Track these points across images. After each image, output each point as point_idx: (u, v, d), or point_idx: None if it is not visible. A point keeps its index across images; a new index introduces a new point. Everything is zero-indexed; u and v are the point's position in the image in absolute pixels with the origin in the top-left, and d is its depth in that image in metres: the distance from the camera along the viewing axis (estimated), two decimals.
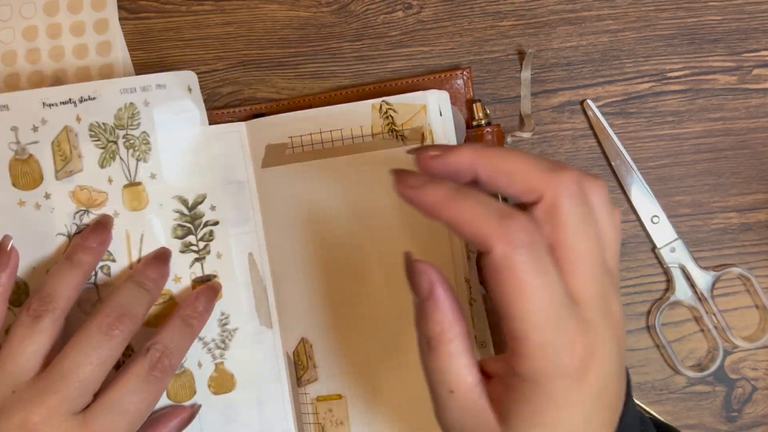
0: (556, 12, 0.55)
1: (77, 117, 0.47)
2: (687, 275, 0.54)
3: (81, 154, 0.47)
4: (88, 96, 0.47)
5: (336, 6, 0.56)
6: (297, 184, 0.50)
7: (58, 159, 0.47)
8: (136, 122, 0.48)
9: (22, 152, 0.47)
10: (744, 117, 0.55)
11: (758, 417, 0.53)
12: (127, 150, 0.48)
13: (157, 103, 0.48)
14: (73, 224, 0.48)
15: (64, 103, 0.47)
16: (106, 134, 0.48)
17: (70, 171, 0.48)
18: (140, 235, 0.48)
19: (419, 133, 0.48)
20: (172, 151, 0.49)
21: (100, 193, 0.48)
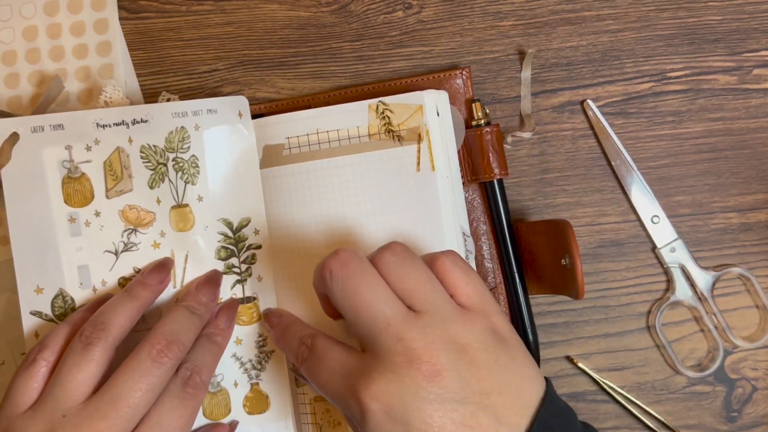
0: (556, 12, 0.55)
1: (129, 138, 0.49)
2: (687, 275, 0.54)
3: (132, 174, 0.49)
4: (140, 119, 0.49)
5: (336, 6, 0.56)
6: (294, 184, 0.49)
7: (110, 178, 0.49)
8: (186, 146, 0.49)
9: (75, 170, 0.48)
10: (744, 117, 0.55)
11: (758, 417, 0.53)
12: (176, 172, 0.49)
13: (208, 127, 0.49)
14: (120, 242, 0.49)
15: (117, 124, 0.48)
16: (157, 156, 0.49)
17: (120, 190, 0.49)
18: (185, 255, 0.49)
19: (416, 134, 0.48)
20: (220, 175, 0.50)
21: (148, 213, 0.49)
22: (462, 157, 0.52)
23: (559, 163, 0.55)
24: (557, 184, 0.55)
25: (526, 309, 0.52)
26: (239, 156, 0.50)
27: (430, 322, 0.38)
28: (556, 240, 0.49)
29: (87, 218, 0.48)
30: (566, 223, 0.48)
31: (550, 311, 0.54)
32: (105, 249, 0.49)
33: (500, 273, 0.52)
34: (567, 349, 0.54)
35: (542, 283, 0.52)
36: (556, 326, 0.54)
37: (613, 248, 0.54)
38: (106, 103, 0.51)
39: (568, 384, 0.54)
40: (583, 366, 0.54)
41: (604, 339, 0.54)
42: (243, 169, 0.50)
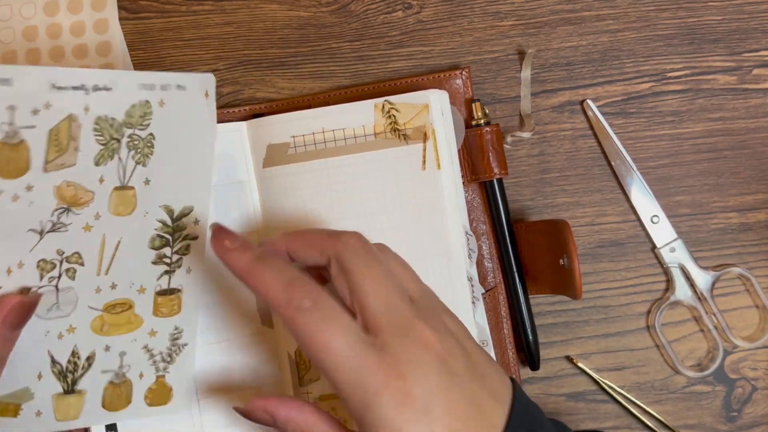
0: (556, 12, 0.55)
1: (85, 107, 0.43)
2: (687, 275, 0.54)
3: (78, 147, 0.43)
4: (103, 85, 0.43)
5: (336, 6, 0.56)
6: (299, 183, 0.50)
7: (52, 149, 0.42)
8: (147, 122, 0.45)
9: (14, 135, 0.41)
10: (744, 117, 0.55)
11: (758, 417, 0.53)
12: (129, 151, 0.45)
13: (173, 104, 0.45)
14: (49, 221, 0.43)
15: (75, 88, 0.42)
16: (112, 131, 0.44)
17: (61, 164, 0.43)
18: (117, 241, 0.45)
19: (422, 133, 0.48)
20: (173, 159, 0.46)
21: (86, 192, 0.44)
22: (462, 156, 0.52)
23: (559, 163, 0.55)
24: (557, 184, 0.55)
25: (526, 309, 0.52)
26: (197, 139, 0.47)
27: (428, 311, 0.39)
28: (555, 240, 0.49)
29: (16, 192, 0.42)
30: (564, 223, 0.48)
31: (550, 311, 0.54)
32: (29, 228, 0.43)
33: (500, 273, 0.53)
34: (567, 349, 0.54)
35: (541, 283, 0.52)
36: (556, 326, 0.54)
37: (613, 248, 0.54)
38: None
39: (568, 384, 0.54)
40: (583, 366, 0.54)
41: (604, 339, 0.54)
42: (197, 154, 0.47)
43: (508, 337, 0.52)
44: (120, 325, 0.46)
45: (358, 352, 0.36)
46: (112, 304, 0.46)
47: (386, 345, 0.36)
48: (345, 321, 0.37)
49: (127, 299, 0.46)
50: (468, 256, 0.49)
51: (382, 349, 0.36)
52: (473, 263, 0.50)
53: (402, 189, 0.49)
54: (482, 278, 0.52)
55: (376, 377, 0.36)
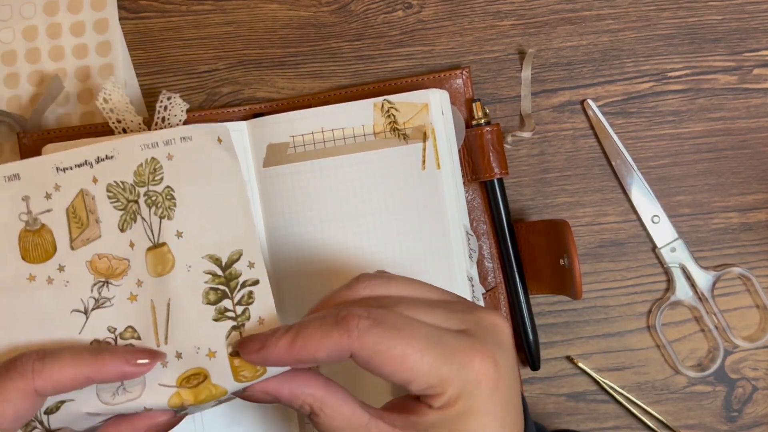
0: (557, 12, 0.55)
1: (93, 178, 0.42)
2: (687, 275, 0.54)
3: (99, 219, 0.42)
4: (105, 155, 0.43)
5: (336, 6, 0.56)
6: (299, 183, 0.49)
7: (74, 226, 0.42)
8: (159, 177, 0.43)
9: (34, 223, 0.42)
10: (744, 117, 0.55)
11: (758, 417, 0.53)
12: (149, 208, 0.42)
13: (183, 155, 0.43)
14: (90, 298, 0.42)
15: (79, 165, 0.43)
16: (126, 193, 0.43)
17: (87, 239, 0.42)
18: (166, 304, 0.42)
19: (421, 132, 0.48)
20: (200, 206, 0.43)
21: (121, 261, 0.42)
22: (462, 156, 0.52)
23: (559, 163, 0.55)
24: (557, 184, 0.55)
25: (526, 309, 0.52)
26: (221, 184, 0.44)
27: None
28: (555, 240, 0.49)
29: (49, 274, 0.41)
30: (564, 223, 0.48)
31: (550, 311, 0.54)
32: (72, 308, 0.41)
33: (500, 273, 0.52)
34: (567, 349, 0.54)
35: (542, 283, 0.52)
36: (556, 326, 0.54)
37: (614, 248, 0.54)
38: (105, 100, 0.51)
39: (568, 384, 0.54)
40: (583, 366, 0.54)
41: (604, 339, 0.54)
42: (227, 198, 0.44)
43: None
44: (201, 400, 0.41)
45: (444, 343, 0.35)
46: (186, 376, 0.41)
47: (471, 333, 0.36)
48: (418, 324, 0.35)
49: (199, 369, 0.41)
50: (468, 256, 0.49)
51: (468, 337, 0.36)
52: (474, 263, 0.50)
53: (402, 189, 0.49)
54: (482, 278, 0.52)
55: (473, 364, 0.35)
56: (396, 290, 0.38)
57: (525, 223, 0.53)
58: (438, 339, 0.35)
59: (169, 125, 0.51)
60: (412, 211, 0.49)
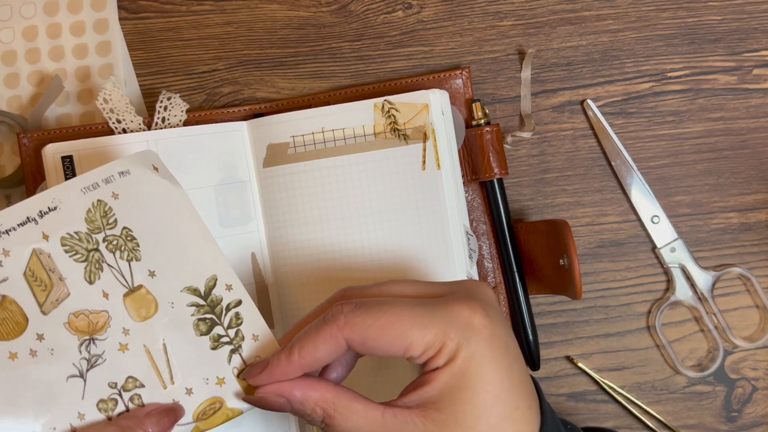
0: (556, 12, 0.55)
1: (43, 235, 0.40)
2: (687, 275, 0.54)
3: (62, 276, 0.40)
4: (47, 208, 0.40)
5: (336, 6, 0.56)
6: (299, 183, 0.50)
7: (38, 290, 0.40)
8: (112, 219, 0.41)
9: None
10: (744, 117, 0.55)
11: (758, 417, 0.53)
12: (113, 253, 0.41)
13: (127, 191, 0.42)
14: (82, 359, 0.40)
15: (21, 224, 0.40)
16: (84, 243, 0.41)
17: (56, 300, 0.40)
18: (161, 344, 0.41)
19: (421, 132, 0.48)
20: (162, 241, 0.42)
21: (99, 314, 0.40)
22: (462, 156, 0.52)
23: (559, 163, 0.55)
24: (557, 184, 0.55)
25: (526, 309, 0.52)
26: (174, 212, 0.43)
27: None
28: (555, 240, 0.49)
29: (30, 346, 0.39)
30: (564, 223, 0.48)
31: (550, 311, 0.54)
32: (68, 374, 0.39)
33: (500, 273, 0.52)
34: (567, 349, 0.54)
35: (542, 283, 0.52)
36: (556, 326, 0.54)
37: (613, 248, 0.54)
38: (105, 100, 0.51)
39: (568, 384, 0.54)
40: (583, 366, 0.54)
41: (604, 339, 0.54)
42: (184, 225, 0.43)
43: None
44: (218, 424, 0.41)
45: (429, 304, 0.36)
46: (201, 410, 0.41)
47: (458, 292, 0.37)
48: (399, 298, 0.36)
49: (214, 398, 0.41)
50: (468, 256, 0.49)
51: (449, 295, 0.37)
52: (474, 263, 0.50)
53: (402, 189, 0.49)
54: (482, 278, 0.52)
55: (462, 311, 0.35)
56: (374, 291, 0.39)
57: (525, 223, 0.53)
58: (422, 302, 0.36)
59: (169, 125, 0.51)
60: (412, 211, 0.49)
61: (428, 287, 0.38)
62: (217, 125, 0.51)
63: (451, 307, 0.36)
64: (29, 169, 0.51)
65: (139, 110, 0.56)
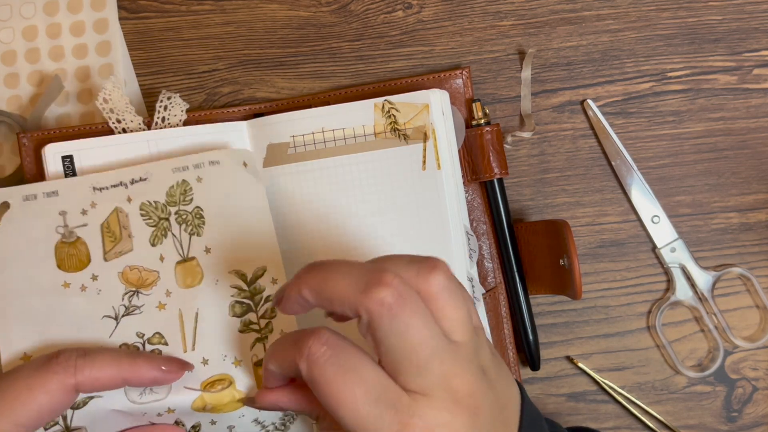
0: (556, 12, 0.55)
1: (128, 198, 0.46)
2: (687, 275, 0.54)
3: (131, 233, 0.46)
4: (139, 177, 0.47)
5: (336, 6, 0.56)
6: (299, 183, 0.50)
7: (107, 240, 0.46)
8: (189, 198, 0.47)
9: (70, 235, 0.46)
10: (744, 117, 0.55)
11: (758, 417, 0.53)
12: (180, 225, 0.46)
13: (211, 178, 0.47)
14: (121, 306, 0.45)
15: (114, 186, 0.47)
16: (158, 212, 0.46)
17: (119, 251, 0.46)
18: (195, 313, 0.45)
19: (422, 132, 0.48)
20: (228, 225, 0.46)
21: (151, 273, 0.46)
22: (462, 156, 0.52)
23: (559, 163, 0.55)
24: (557, 184, 0.55)
25: (526, 309, 0.52)
26: (248, 205, 0.47)
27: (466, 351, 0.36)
28: (555, 240, 0.49)
29: (83, 283, 0.45)
30: (564, 223, 0.48)
31: (550, 311, 0.54)
32: (104, 314, 0.45)
33: (500, 273, 0.52)
34: (567, 349, 0.54)
35: (542, 283, 0.52)
36: (556, 326, 0.54)
37: (613, 248, 0.54)
38: (105, 100, 0.51)
39: (568, 384, 0.54)
40: (583, 366, 0.54)
41: (604, 339, 0.54)
42: (254, 218, 0.47)
43: (509, 337, 0.52)
44: (224, 404, 0.44)
45: (381, 405, 0.33)
46: (210, 381, 0.44)
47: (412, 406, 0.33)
48: (367, 372, 0.34)
49: (225, 375, 0.44)
50: (468, 256, 0.49)
51: (408, 409, 0.33)
52: (474, 263, 0.50)
53: (402, 189, 0.49)
54: (482, 278, 0.52)
55: None
56: None
57: (525, 223, 0.53)
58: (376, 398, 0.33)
59: (168, 125, 0.51)
60: (412, 211, 0.49)
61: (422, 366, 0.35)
62: (217, 125, 0.51)
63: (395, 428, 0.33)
64: (29, 169, 0.51)
65: (139, 110, 0.56)
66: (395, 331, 0.33)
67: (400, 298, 0.33)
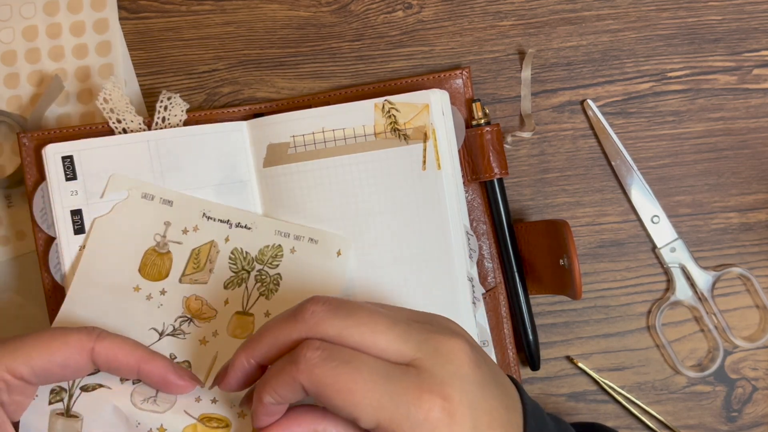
0: (556, 12, 0.55)
1: (227, 237, 0.49)
2: (687, 275, 0.54)
3: (213, 270, 0.49)
4: (245, 225, 0.49)
5: (336, 6, 0.56)
6: (299, 183, 0.50)
7: (191, 265, 0.49)
8: (276, 263, 0.49)
9: (163, 246, 0.49)
10: (744, 117, 0.55)
11: (758, 417, 0.53)
12: (256, 282, 0.49)
13: (304, 254, 0.49)
14: (170, 325, 0.48)
15: (222, 221, 0.49)
16: (245, 263, 0.49)
17: (195, 279, 0.49)
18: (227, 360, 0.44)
19: (422, 132, 0.48)
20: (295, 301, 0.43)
21: (211, 309, 0.48)
22: (462, 156, 0.52)
23: (559, 163, 0.55)
24: (557, 184, 0.55)
25: (526, 309, 0.52)
26: (323, 287, 0.49)
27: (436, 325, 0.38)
28: (555, 240, 0.49)
29: (151, 292, 0.48)
30: (564, 223, 0.48)
31: (550, 311, 0.54)
32: (152, 326, 0.48)
33: (500, 273, 0.52)
34: (567, 349, 0.54)
35: (542, 283, 0.52)
36: (556, 326, 0.54)
37: (613, 248, 0.54)
38: (105, 100, 0.51)
39: (568, 384, 0.54)
40: (583, 366, 0.54)
41: (604, 339, 0.54)
42: None
43: (509, 337, 0.52)
44: None
45: (392, 380, 0.34)
46: (209, 416, 0.46)
47: (421, 366, 0.35)
48: (366, 358, 0.35)
49: (225, 417, 0.46)
50: (469, 256, 0.49)
51: (417, 372, 0.34)
52: (474, 263, 0.50)
53: (402, 189, 0.49)
54: (482, 278, 0.52)
55: (421, 403, 0.34)
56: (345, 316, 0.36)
57: (525, 223, 0.53)
58: (385, 374, 0.34)
59: (169, 125, 0.51)
60: (412, 211, 0.49)
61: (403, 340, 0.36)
62: (217, 125, 0.51)
63: (412, 394, 0.34)
64: (29, 169, 0.51)
65: (139, 110, 0.56)
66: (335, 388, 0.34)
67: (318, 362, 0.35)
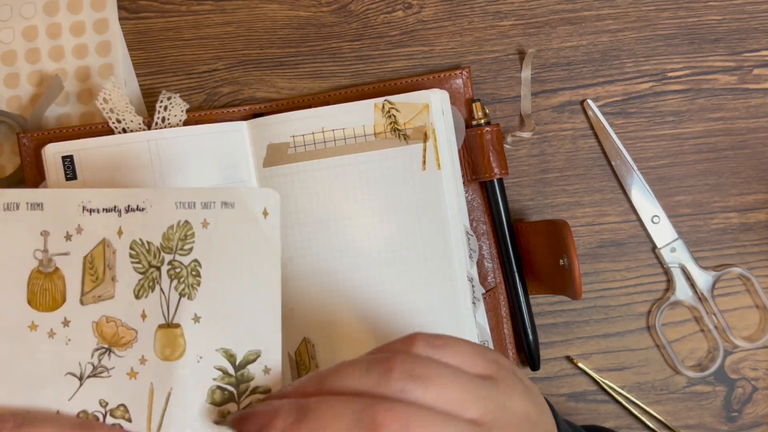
0: (556, 12, 0.55)
1: (119, 230, 0.39)
2: (687, 275, 0.54)
3: (115, 277, 0.39)
4: (136, 206, 0.39)
5: (336, 6, 0.56)
6: (299, 183, 0.50)
7: (88, 279, 0.39)
8: (188, 246, 0.39)
9: (48, 264, 0.38)
10: (744, 117, 0.55)
11: (758, 417, 0.53)
12: (171, 281, 0.39)
13: (219, 225, 0.39)
14: (89, 364, 0.38)
15: (107, 210, 0.39)
16: (150, 257, 0.39)
17: (98, 296, 0.39)
18: (167, 392, 0.38)
19: (422, 132, 0.48)
20: (226, 291, 0.39)
21: (129, 330, 0.38)
22: (462, 156, 0.52)
23: (559, 163, 0.55)
24: (557, 184, 0.55)
25: (526, 309, 0.52)
26: (256, 268, 0.39)
27: None
28: (555, 240, 0.49)
29: (52, 326, 0.38)
30: (564, 223, 0.48)
31: (550, 311, 0.54)
32: (68, 371, 0.38)
33: (500, 273, 0.52)
34: (567, 349, 0.54)
35: (542, 283, 0.52)
36: (556, 326, 0.54)
37: (613, 248, 0.54)
38: (105, 100, 0.51)
39: (568, 384, 0.54)
40: (583, 366, 0.54)
41: (604, 339, 0.54)
42: (260, 285, 0.39)
43: (509, 337, 0.52)
44: None
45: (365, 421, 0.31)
46: None
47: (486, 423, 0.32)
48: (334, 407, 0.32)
49: None
50: (468, 256, 0.49)
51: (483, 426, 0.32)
52: (474, 263, 0.50)
53: (402, 189, 0.49)
54: (482, 278, 0.52)
55: None
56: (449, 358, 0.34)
57: (525, 223, 0.53)
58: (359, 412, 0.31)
59: (169, 125, 0.51)
60: (412, 211, 0.49)
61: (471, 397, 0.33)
62: (217, 125, 0.51)
63: None
64: (29, 169, 0.51)
65: (139, 110, 0.56)
66: None
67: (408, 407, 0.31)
